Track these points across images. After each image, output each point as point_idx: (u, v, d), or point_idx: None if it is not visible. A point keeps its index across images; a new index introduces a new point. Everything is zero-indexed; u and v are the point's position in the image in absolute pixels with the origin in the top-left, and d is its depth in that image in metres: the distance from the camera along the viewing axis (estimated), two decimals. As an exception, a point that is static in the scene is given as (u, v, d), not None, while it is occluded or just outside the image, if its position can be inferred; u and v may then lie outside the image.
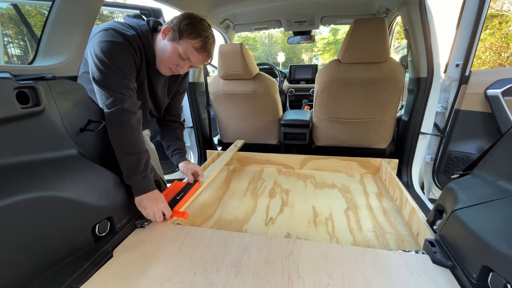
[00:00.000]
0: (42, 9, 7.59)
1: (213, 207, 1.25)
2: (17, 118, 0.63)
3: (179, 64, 0.99)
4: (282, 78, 3.22)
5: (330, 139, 1.82)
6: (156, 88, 1.14)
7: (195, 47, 0.95)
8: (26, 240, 0.62)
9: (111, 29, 0.89)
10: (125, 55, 0.90)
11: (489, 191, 0.70)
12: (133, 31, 0.95)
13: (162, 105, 1.23)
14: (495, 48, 7.45)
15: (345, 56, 1.50)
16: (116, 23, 0.95)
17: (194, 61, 0.99)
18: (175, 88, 1.26)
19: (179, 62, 0.98)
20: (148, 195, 0.94)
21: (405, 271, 0.71)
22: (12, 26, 8.60)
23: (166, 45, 0.97)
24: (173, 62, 0.98)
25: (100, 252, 0.77)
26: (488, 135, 1.43)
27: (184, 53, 0.95)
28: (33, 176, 0.65)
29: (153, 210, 0.93)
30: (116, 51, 0.88)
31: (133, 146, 0.92)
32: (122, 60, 0.89)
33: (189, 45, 0.94)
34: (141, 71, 1.02)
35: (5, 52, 7.80)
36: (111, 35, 0.88)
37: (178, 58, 0.97)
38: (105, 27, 0.91)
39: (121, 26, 0.93)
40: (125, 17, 1.06)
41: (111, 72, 0.88)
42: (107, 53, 0.86)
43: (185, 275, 0.71)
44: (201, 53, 0.97)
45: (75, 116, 0.79)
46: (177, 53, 0.96)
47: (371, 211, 1.17)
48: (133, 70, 0.95)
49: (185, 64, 1.00)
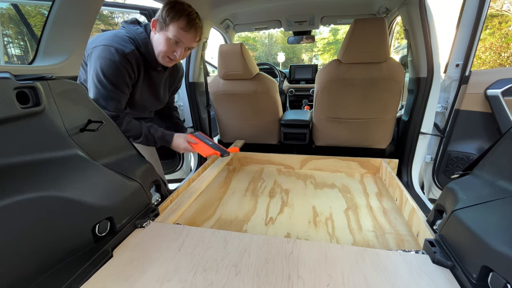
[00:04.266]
0: (42, 9, 7.60)
1: (213, 207, 1.25)
2: (17, 118, 0.63)
3: (174, 50, 1.04)
4: (282, 78, 3.22)
5: (330, 139, 1.82)
6: (158, 86, 1.22)
7: (181, 27, 1.00)
8: (26, 240, 0.62)
9: (112, 46, 0.99)
10: (120, 72, 1.01)
11: (489, 191, 0.70)
12: (132, 46, 1.03)
13: (163, 102, 1.34)
14: (495, 48, 7.45)
15: (345, 56, 1.50)
16: (117, 37, 1.03)
17: (186, 42, 1.04)
18: (175, 85, 1.37)
19: (174, 48, 1.04)
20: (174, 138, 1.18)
21: (405, 271, 0.71)
22: (12, 26, 8.61)
23: (158, 37, 1.03)
24: (168, 50, 1.04)
25: (100, 252, 0.77)
26: (488, 135, 1.43)
27: (174, 37, 1.01)
28: (33, 176, 0.65)
29: None
30: (111, 69, 0.99)
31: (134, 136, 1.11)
32: (115, 76, 1.00)
33: (176, 27, 1.00)
34: (140, 78, 1.11)
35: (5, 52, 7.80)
36: (110, 53, 0.98)
37: (171, 44, 1.03)
38: (106, 42, 1.00)
39: (121, 42, 1.02)
40: (122, 24, 1.11)
41: (103, 88, 1.00)
42: (104, 70, 0.98)
43: (185, 275, 0.71)
44: (188, 31, 1.01)
45: (75, 116, 0.79)
46: (169, 40, 1.02)
47: (371, 211, 1.17)
48: (126, 86, 1.06)
49: (179, 47, 1.05)
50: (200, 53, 1.97)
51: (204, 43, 1.97)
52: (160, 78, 1.21)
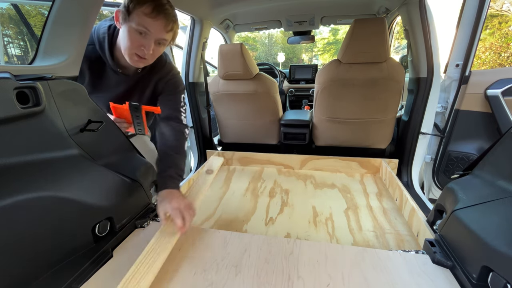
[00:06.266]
0: (42, 9, 7.59)
1: (213, 207, 1.25)
2: (17, 118, 0.63)
3: (142, 44, 0.87)
4: (282, 78, 3.22)
5: (330, 139, 1.82)
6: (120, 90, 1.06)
7: (146, 12, 0.83)
8: (26, 240, 0.62)
9: None
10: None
11: (489, 191, 0.70)
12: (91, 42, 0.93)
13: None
14: (495, 48, 7.45)
15: (345, 56, 1.50)
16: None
17: (154, 31, 0.86)
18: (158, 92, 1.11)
19: (140, 40, 0.86)
20: None
21: (405, 271, 0.71)
22: (12, 26, 8.60)
23: (122, 31, 0.88)
24: (134, 44, 0.87)
25: (100, 252, 0.77)
26: (488, 135, 1.43)
27: (139, 25, 0.84)
28: (33, 176, 0.65)
29: None
30: None
31: None
32: None
33: (140, 14, 0.83)
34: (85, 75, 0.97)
35: (5, 52, 7.79)
36: None
37: (136, 35, 0.86)
38: None
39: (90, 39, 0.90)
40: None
41: None
42: None
43: (185, 275, 0.71)
44: (156, 17, 0.84)
45: (75, 116, 0.79)
46: (133, 30, 0.85)
47: (371, 211, 1.17)
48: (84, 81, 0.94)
49: (147, 40, 0.87)
50: (200, 53, 1.97)
51: (204, 43, 1.97)
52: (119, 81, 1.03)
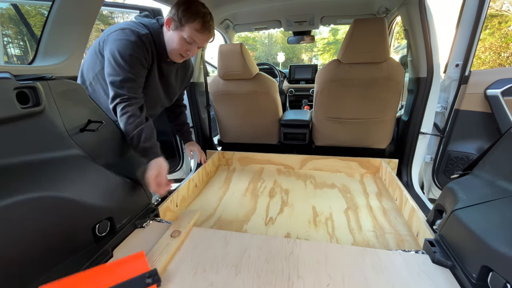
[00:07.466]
0: (42, 9, 7.59)
1: (213, 207, 1.25)
2: (17, 118, 0.63)
3: (188, 49, 1.10)
4: (282, 78, 3.22)
5: (330, 139, 1.82)
6: (169, 78, 1.25)
7: (196, 29, 1.04)
8: (26, 240, 0.62)
9: (128, 28, 1.02)
10: (137, 52, 1.01)
11: (489, 191, 0.70)
12: (146, 30, 1.07)
13: (174, 95, 1.36)
14: (495, 48, 7.45)
15: (345, 56, 1.50)
16: (132, 23, 1.07)
17: (199, 42, 1.09)
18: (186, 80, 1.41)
19: (188, 47, 1.09)
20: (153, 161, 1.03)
21: (405, 271, 0.71)
22: (12, 26, 8.60)
23: (172, 35, 1.07)
24: (182, 48, 1.09)
25: (100, 252, 0.77)
26: (488, 135, 1.43)
27: (189, 38, 1.05)
28: (33, 176, 0.65)
29: None
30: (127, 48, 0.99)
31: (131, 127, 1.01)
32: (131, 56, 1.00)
33: (191, 29, 1.04)
34: (153, 66, 1.13)
35: (5, 52, 7.79)
36: (126, 34, 1.00)
37: (185, 44, 1.07)
38: (123, 26, 1.03)
39: (136, 26, 1.05)
40: (136, 17, 1.17)
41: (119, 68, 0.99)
42: (120, 50, 0.98)
43: (185, 275, 0.71)
44: (203, 32, 1.06)
45: (75, 116, 0.79)
46: (183, 40, 1.06)
47: (371, 211, 1.17)
48: (142, 67, 1.06)
49: (193, 47, 1.10)
50: (200, 53, 1.97)
51: (204, 43, 1.97)
52: (169, 70, 1.23)
